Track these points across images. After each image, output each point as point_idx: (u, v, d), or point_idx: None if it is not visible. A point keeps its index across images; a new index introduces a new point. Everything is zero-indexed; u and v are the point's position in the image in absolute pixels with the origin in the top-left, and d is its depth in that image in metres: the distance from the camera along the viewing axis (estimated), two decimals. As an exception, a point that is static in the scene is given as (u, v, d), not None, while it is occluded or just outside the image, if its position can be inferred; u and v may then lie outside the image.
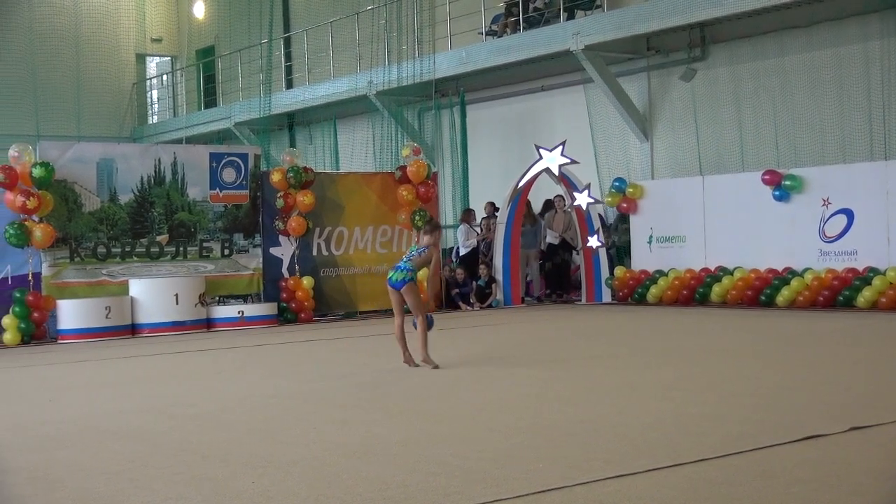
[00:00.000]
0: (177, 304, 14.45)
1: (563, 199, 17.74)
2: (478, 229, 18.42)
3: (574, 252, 17.98)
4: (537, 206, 18.52)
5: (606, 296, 17.23)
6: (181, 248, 15.32)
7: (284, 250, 16.00)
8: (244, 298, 15.92)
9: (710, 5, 16.28)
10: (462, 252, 18.34)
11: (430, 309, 16.36)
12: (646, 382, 7.76)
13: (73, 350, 12.71)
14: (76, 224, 14.51)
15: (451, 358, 9.96)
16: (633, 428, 5.86)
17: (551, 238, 17.95)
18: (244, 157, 15.86)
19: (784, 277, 14.90)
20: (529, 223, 17.88)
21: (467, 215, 18.65)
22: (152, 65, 33.04)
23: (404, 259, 9.27)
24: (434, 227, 9.47)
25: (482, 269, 17.26)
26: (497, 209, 18.01)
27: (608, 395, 7.17)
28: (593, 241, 16.91)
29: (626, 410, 6.49)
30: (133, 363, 11.09)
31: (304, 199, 15.72)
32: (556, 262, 18.09)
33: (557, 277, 18.06)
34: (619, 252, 18.35)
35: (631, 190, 17.16)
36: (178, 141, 25.40)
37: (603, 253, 17.26)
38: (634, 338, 11.54)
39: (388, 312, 15.22)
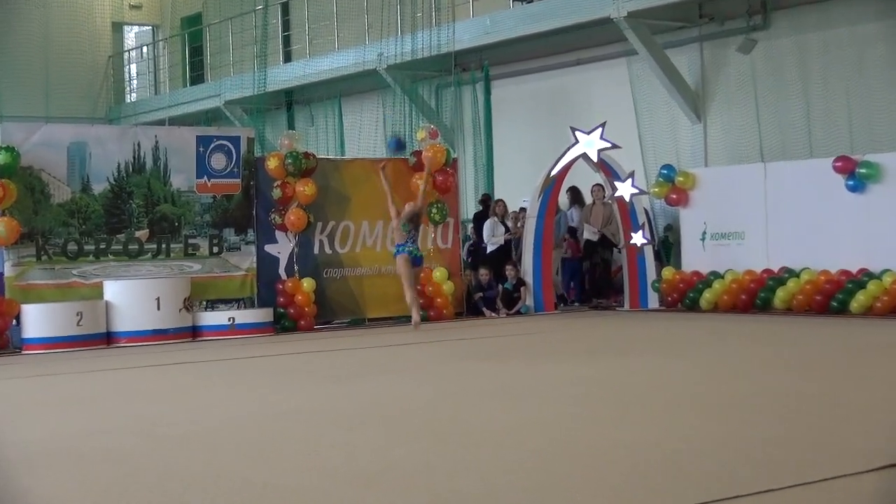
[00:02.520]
0: (158, 309, 14.46)
1: (603, 189, 17.70)
2: (509, 223, 18.37)
3: (616, 250, 17.94)
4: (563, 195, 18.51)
5: (653, 301, 17.19)
6: (163, 246, 15.33)
7: (282, 248, 16.00)
8: (236, 303, 15.91)
9: (772, -36, 16.23)
10: (489, 249, 18.33)
11: (450, 313, 16.46)
12: (699, 401, 7.70)
13: (40, 362, 12.74)
14: (43, 217, 14.55)
15: (473, 371, 9.92)
16: (685, 454, 5.81)
17: (589, 234, 17.92)
18: (236, 140, 15.86)
19: (859, 280, 14.80)
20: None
21: (497, 206, 18.55)
22: (130, 35, 33.15)
23: (411, 240, 12.77)
24: (412, 215, 13.01)
25: (509, 271, 17.23)
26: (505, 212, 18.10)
27: (656, 416, 7.11)
28: (637, 238, 16.86)
29: (677, 433, 6.43)
30: (108, 377, 11.10)
31: (305, 188, 15.71)
32: (594, 261, 18.04)
33: (596, 279, 18.02)
34: (667, 249, 18.30)
35: (681, 179, 17.10)
36: (161, 122, 25.46)
37: (649, 252, 17.21)
38: (685, 349, 11.47)
39: (401, 320, 15.22)
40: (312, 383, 9.75)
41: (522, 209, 18.37)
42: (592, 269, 18.18)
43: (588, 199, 18.42)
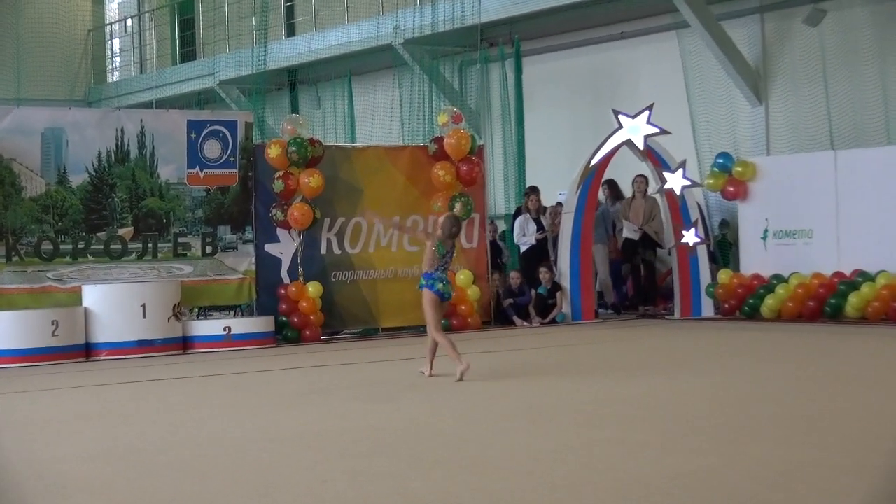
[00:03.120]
0: (144, 317, 14.46)
1: (645, 181, 17.64)
2: (544, 220, 18.33)
3: (660, 251, 17.87)
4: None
5: (707, 308, 17.15)
6: (150, 245, 15.36)
7: (284, 248, 16.01)
8: (232, 311, 15.92)
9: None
10: (521, 249, 18.31)
11: (476, 322, 16.42)
12: (761, 423, 7.65)
13: (10, 378, 12.75)
14: (14, 214, 14.58)
15: (500, 390, 9.88)
16: (749, 483, 5.76)
17: (628, 232, 17.84)
18: (232, 125, 15.88)
19: (944, 285, 14.72)
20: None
21: (529, 200, 18.45)
22: (113, 6, 33.25)
23: (442, 267, 10.77)
24: (454, 228, 10.91)
25: (543, 273, 17.19)
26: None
27: (713, 441, 7.06)
28: (689, 237, 16.79)
29: (738, 461, 6.39)
30: (86, 395, 11.10)
31: (311, 180, 15.71)
32: (635, 263, 17.98)
33: (641, 283, 17.97)
34: (723, 249, 18.23)
35: (739, 169, 17.03)
36: (147, 105, 25.53)
37: (702, 252, 17.14)
38: (744, 365, 11.41)
39: (419, 330, 15.21)
40: (319, 403, 9.72)
41: (559, 203, 18.33)
42: (635, 273, 18.11)
43: (628, 193, 18.35)
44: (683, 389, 9.61)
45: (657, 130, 16.53)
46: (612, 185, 18.70)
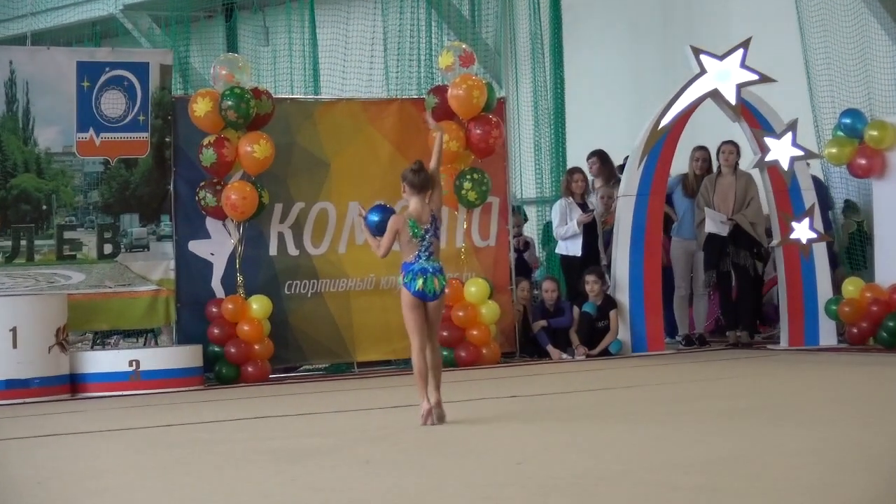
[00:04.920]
0: (14, 347, 14.49)
1: (737, 149, 17.60)
2: (592, 204, 18.32)
3: (762, 251, 17.87)
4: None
5: (827, 334, 17.16)
6: (22, 243, 15.38)
7: (216, 247, 16.07)
8: (141, 337, 15.90)
9: None
10: (559, 250, 18.45)
11: (493, 353, 16.42)
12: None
13: None
14: None
15: (534, 451, 9.86)
16: None
17: (713, 225, 17.72)
18: (142, 69, 15.94)
19: None
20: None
21: (573, 179, 18.40)
22: None
23: (424, 251, 10.99)
24: (422, 180, 11.02)
25: (592, 283, 17.17)
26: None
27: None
28: (801, 231, 16.75)
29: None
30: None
31: (255, 149, 15.70)
32: (723, 269, 17.91)
33: (733, 299, 17.98)
34: (851, 247, 18.21)
35: (875, 133, 17.09)
36: (20, 42, 25.48)
37: (820, 252, 17.10)
38: (884, 417, 11.38)
39: (407, 365, 15.21)
40: (261, 472, 9.69)
41: (615, 181, 18.32)
42: (724, 284, 18.03)
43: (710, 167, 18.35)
44: (793, 449, 9.58)
45: (756, 77, 16.58)
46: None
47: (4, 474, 10.12)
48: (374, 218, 13.70)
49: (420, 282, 10.87)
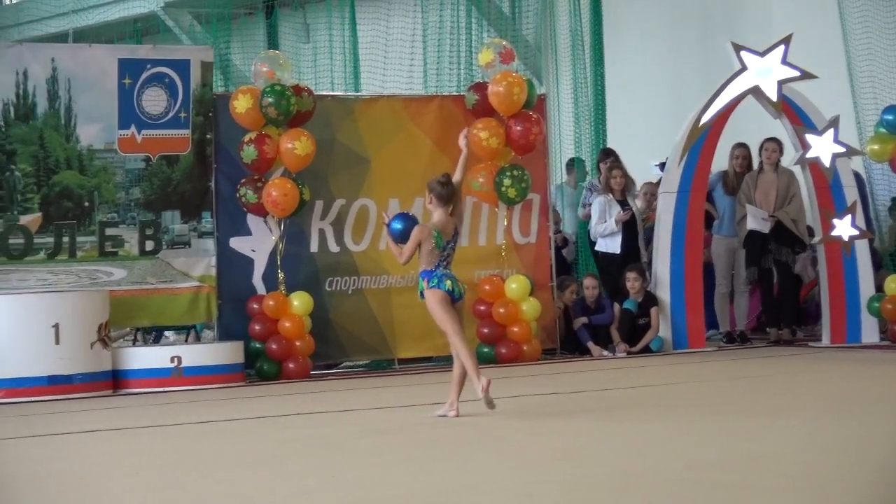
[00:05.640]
0: (57, 343, 14.51)
1: (779, 146, 17.52)
2: (636, 203, 18.27)
3: (799, 249, 17.80)
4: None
5: (869, 331, 17.11)
6: (65, 240, 15.39)
7: (258, 244, 16.05)
8: (183, 333, 15.91)
9: None
10: (598, 247, 18.37)
11: (534, 350, 16.40)
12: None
13: None
14: None
15: (578, 453, 9.83)
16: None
17: (755, 222, 17.65)
18: (183, 67, 15.95)
19: None
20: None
21: (612, 175, 18.30)
22: None
23: (443, 261, 11.54)
24: (448, 192, 11.54)
25: (632, 280, 17.15)
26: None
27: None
28: (843, 228, 16.67)
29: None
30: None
31: (296, 146, 15.70)
32: (765, 266, 17.83)
33: (775, 297, 17.90)
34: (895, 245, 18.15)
35: (918, 129, 16.98)
36: (62, 39, 25.55)
37: (863, 250, 17.02)
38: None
39: (447, 362, 15.19)
40: (305, 470, 9.69)
41: (650, 183, 18.26)
42: (765, 281, 17.95)
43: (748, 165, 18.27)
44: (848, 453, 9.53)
45: (797, 74, 16.49)
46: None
47: (45, 469, 10.14)
48: (398, 226, 13.80)
49: (448, 283, 11.41)
